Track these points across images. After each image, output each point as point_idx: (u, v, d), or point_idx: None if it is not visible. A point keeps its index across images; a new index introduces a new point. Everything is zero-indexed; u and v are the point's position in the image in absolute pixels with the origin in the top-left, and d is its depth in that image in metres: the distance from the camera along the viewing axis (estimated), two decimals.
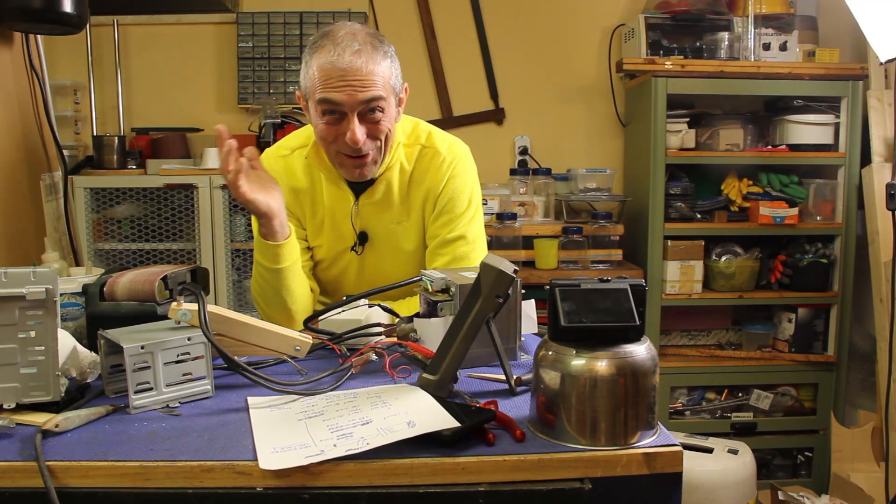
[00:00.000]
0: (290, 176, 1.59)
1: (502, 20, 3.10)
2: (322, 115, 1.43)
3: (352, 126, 1.41)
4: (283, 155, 1.61)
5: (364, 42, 1.41)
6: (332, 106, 1.41)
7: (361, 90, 1.39)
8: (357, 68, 1.38)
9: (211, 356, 1.10)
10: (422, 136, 1.60)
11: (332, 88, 1.39)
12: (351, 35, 1.41)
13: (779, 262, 2.81)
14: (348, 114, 1.41)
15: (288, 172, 1.59)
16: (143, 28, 3.05)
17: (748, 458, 2.44)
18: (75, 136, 3.00)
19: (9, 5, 2.24)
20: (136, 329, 1.10)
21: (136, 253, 2.75)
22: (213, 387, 1.09)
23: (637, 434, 0.91)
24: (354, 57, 1.38)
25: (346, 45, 1.39)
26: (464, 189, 1.59)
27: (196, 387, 1.08)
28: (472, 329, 1.04)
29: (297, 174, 1.59)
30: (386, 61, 1.44)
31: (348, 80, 1.38)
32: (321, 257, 1.65)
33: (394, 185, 1.57)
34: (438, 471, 0.86)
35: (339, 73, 1.38)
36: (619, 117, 3.11)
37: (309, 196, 1.60)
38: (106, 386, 1.08)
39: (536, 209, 2.89)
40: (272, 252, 1.46)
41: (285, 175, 1.59)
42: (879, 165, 2.61)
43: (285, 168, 1.60)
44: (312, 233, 1.63)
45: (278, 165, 1.60)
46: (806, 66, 2.72)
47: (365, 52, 1.39)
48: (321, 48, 1.41)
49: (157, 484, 0.85)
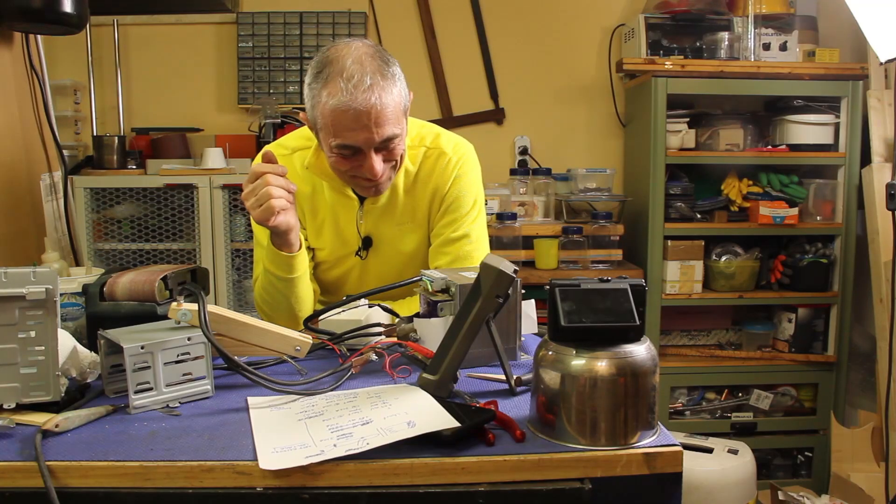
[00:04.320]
0: (290, 176, 1.58)
1: (502, 20, 3.10)
2: (337, 151, 1.39)
3: (369, 162, 1.38)
4: (284, 154, 1.60)
5: (374, 73, 1.34)
6: (348, 149, 1.38)
7: (377, 130, 1.35)
8: (370, 107, 1.32)
9: (211, 356, 1.10)
10: (426, 138, 1.59)
11: (348, 131, 1.35)
12: (359, 66, 1.33)
13: (779, 262, 2.81)
14: (364, 150, 1.38)
15: (289, 172, 1.58)
16: (143, 28, 3.05)
17: (748, 458, 2.44)
18: (75, 136, 3.00)
19: (9, 5, 2.24)
20: (136, 329, 1.10)
21: (136, 253, 2.75)
22: (213, 387, 1.09)
23: (637, 434, 0.91)
24: (368, 95, 1.32)
25: (357, 82, 1.32)
26: (469, 189, 1.59)
27: (196, 387, 1.08)
28: (472, 329, 1.04)
29: (298, 175, 1.58)
30: (396, 87, 1.38)
31: (363, 122, 1.34)
32: (322, 259, 1.64)
33: (398, 188, 1.57)
34: (438, 471, 0.86)
35: (354, 114, 1.33)
36: (619, 117, 3.11)
37: (309, 198, 1.59)
38: (106, 386, 1.08)
39: (536, 209, 2.89)
40: (286, 262, 1.45)
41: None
42: (879, 165, 2.61)
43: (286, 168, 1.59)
44: (313, 234, 1.62)
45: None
46: (806, 66, 2.72)
47: (377, 87, 1.33)
48: (330, 82, 1.34)
49: (157, 484, 0.85)
